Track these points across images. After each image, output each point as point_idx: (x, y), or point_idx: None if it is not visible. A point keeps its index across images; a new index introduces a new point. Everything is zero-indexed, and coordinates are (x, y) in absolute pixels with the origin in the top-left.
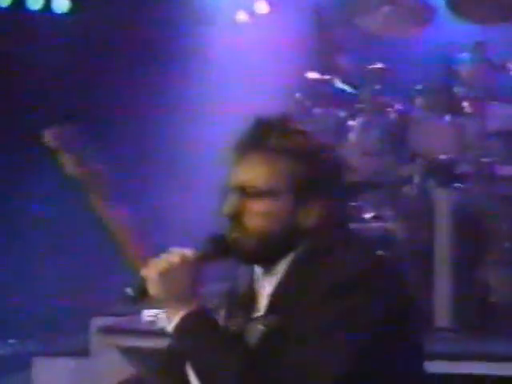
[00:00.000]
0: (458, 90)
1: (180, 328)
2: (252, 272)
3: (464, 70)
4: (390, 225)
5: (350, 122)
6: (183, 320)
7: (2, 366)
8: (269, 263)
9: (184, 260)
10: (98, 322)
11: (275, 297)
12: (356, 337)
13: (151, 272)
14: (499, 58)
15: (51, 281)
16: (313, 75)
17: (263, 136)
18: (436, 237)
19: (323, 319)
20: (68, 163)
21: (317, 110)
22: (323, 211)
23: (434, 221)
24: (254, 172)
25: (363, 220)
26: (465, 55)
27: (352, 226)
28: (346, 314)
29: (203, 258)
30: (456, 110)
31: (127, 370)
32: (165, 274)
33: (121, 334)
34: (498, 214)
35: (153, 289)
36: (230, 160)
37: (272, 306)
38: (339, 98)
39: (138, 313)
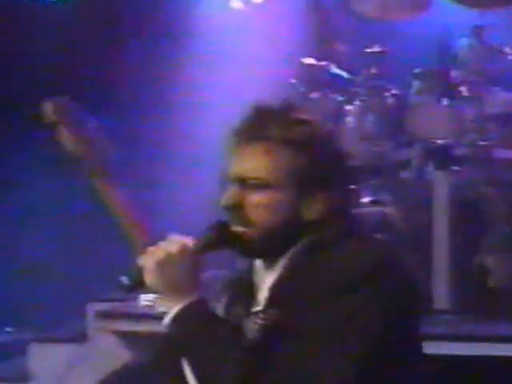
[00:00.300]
0: (455, 74)
1: (177, 320)
2: (251, 264)
3: (462, 55)
4: (388, 209)
5: (348, 107)
6: (181, 312)
7: None
8: (270, 256)
9: (183, 249)
10: (95, 307)
11: (275, 290)
12: (358, 336)
13: (148, 261)
14: (497, 43)
15: (48, 268)
16: (309, 61)
17: (265, 126)
18: (434, 219)
19: (324, 317)
20: (68, 138)
21: (314, 95)
22: (326, 203)
23: (433, 204)
24: (255, 163)
25: (362, 204)
26: (463, 39)
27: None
28: (347, 312)
29: (204, 247)
30: (454, 94)
31: (125, 355)
32: (162, 264)
33: (118, 318)
34: (496, 197)
35: (149, 279)
36: (229, 149)
37: (272, 300)
38: (336, 83)
39: (136, 298)
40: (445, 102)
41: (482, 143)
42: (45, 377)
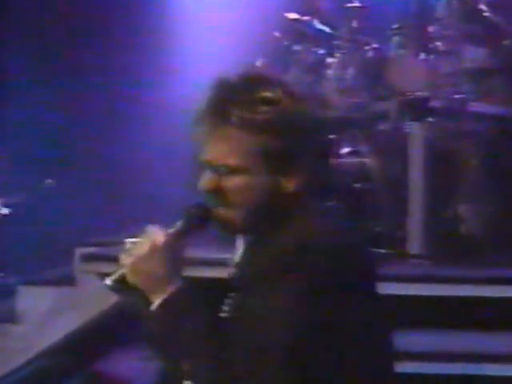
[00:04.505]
0: (433, 29)
1: (157, 314)
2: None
3: (439, 10)
4: (366, 159)
5: (329, 60)
6: (160, 307)
7: None
8: (254, 232)
9: (154, 248)
10: (83, 251)
11: (237, 272)
12: (281, 324)
13: (127, 259)
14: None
15: (37, 212)
16: (292, 15)
17: (225, 107)
18: (410, 169)
19: (255, 304)
20: None
21: (296, 48)
22: (302, 177)
23: (408, 154)
24: (222, 150)
25: (340, 155)
26: None
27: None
28: (272, 300)
29: (184, 231)
30: (430, 49)
31: (110, 297)
32: (140, 261)
33: (104, 261)
34: (469, 148)
35: (130, 277)
36: (195, 135)
37: (237, 281)
38: (318, 37)
39: (123, 242)
40: (422, 56)
41: (456, 96)
42: (32, 318)
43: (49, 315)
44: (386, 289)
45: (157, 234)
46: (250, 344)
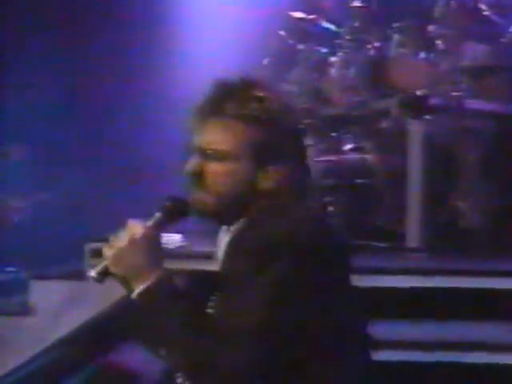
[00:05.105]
0: (432, 28)
1: (138, 303)
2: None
3: (438, 10)
4: (368, 156)
5: (332, 58)
6: (140, 296)
7: (1, 290)
8: (226, 223)
9: (132, 240)
10: (92, 246)
11: (222, 265)
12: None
13: (109, 252)
14: None
15: (45, 209)
16: (298, 14)
17: (222, 102)
18: (410, 165)
19: (242, 285)
20: None
21: (300, 47)
22: (281, 173)
23: (408, 150)
24: (213, 136)
25: (343, 152)
26: None
27: (333, 158)
28: (260, 282)
29: (158, 226)
30: (430, 48)
31: (118, 292)
32: (121, 253)
33: None
34: (467, 145)
35: (113, 268)
36: (192, 124)
37: (221, 276)
38: (323, 35)
39: None
40: (422, 54)
41: (454, 94)
42: (45, 311)
43: (60, 308)
44: (385, 281)
45: (136, 227)
46: (225, 329)
